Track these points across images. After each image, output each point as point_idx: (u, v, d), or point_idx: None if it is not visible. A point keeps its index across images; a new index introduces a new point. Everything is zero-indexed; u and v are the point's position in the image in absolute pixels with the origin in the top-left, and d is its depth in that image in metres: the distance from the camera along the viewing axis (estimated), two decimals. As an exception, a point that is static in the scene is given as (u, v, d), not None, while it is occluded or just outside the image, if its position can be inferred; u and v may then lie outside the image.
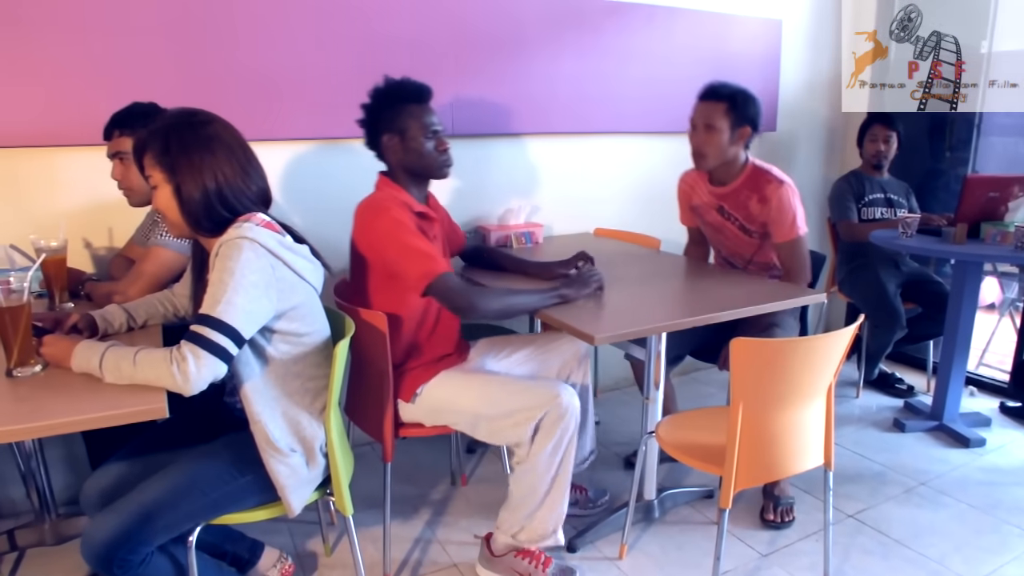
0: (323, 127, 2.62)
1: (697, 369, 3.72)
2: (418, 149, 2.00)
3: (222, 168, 1.53)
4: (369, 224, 1.94)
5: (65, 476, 2.49)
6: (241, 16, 2.42)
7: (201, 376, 1.39)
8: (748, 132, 2.42)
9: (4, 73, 2.16)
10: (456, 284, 1.90)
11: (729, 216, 2.53)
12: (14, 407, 1.36)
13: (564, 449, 1.91)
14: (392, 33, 2.66)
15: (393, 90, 2.02)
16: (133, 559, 1.50)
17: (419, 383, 2.01)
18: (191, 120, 1.54)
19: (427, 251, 1.90)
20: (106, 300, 1.89)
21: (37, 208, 2.30)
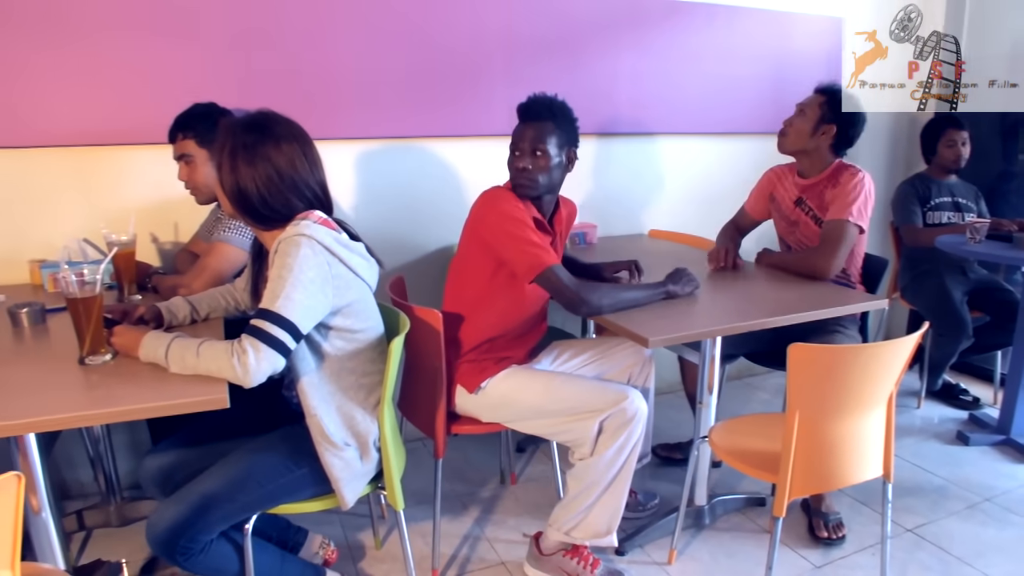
0: (380, 127, 2.66)
1: (752, 373, 3.67)
2: (509, 161, 2.03)
3: (284, 176, 1.57)
4: (484, 213, 1.98)
5: (130, 461, 2.58)
6: (298, 20, 2.47)
7: (260, 369, 1.43)
8: (832, 131, 2.41)
9: (77, 76, 2.26)
10: (567, 277, 1.92)
11: (806, 207, 2.49)
12: (86, 394, 1.42)
13: (628, 452, 1.91)
14: (445, 34, 2.68)
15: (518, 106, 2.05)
16: (194, 547, 1.56)
17: (486, 376, 2.02)
18: (270, 126, 1.59)
19: (538, 243, 1.92)
20: (171, 293, 1.95)
21: (108, 204, 2.39)
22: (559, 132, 1.99)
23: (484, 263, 2.00)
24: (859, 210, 2.34)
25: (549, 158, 1.97)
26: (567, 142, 2.02)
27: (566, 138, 2.01)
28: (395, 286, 2.17)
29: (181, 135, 2.08)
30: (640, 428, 1.91)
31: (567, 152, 2.03)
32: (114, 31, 2.26)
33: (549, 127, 1.98)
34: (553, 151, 1.97)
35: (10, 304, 1.87)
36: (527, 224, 1.93)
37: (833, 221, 2.35)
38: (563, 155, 2.02)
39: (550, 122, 1.98)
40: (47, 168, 2.32)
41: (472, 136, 2.83)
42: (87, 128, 2.30)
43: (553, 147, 1.97)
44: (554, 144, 1.97)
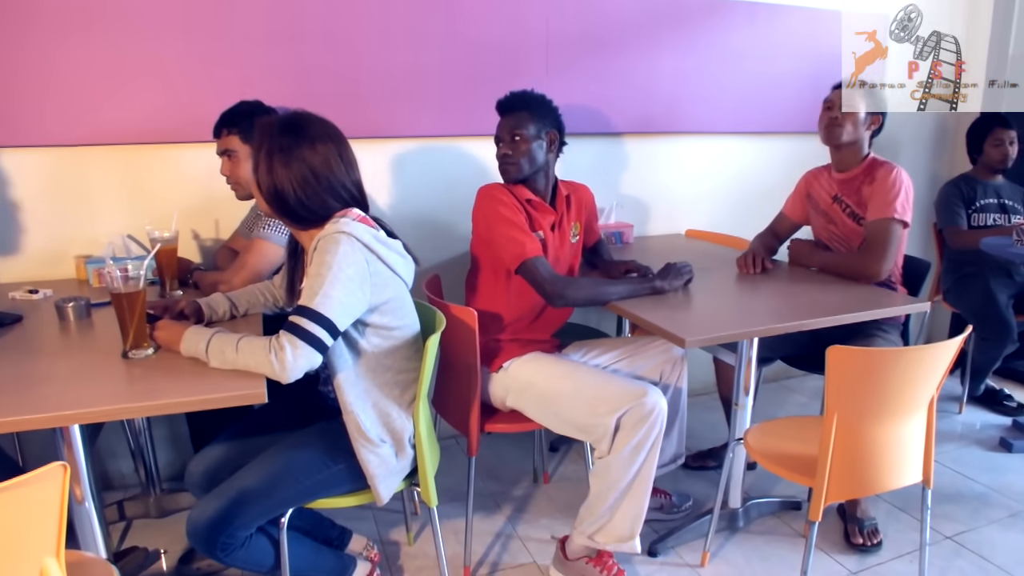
0: (417, 125, 2.68)
1: (788, 376, 3.62)
2: (496, 155, 2.16)
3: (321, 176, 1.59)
4: (477, 208, 2.14)
5: (169, 454, 2.63)
6: (339, 20, 2.50)
7: (297, 365, 1.45)
8: (880, 120, 2.41)
9: (123, 76, 2.31)
10: (543, 269, 2.02)
11: (843, 204, 2.44)
12: (128, 387, 1.45)
13: (647, 451, 1.89)
14: (484, 33, 2.69)
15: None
16: (233, 542, 1.59)
17: (510, 356, 2.06)
18: (308, 125, 1.61)
19: (518, 236, 2.03)
20: (212, 288, 1.99)
21: (152, 201, 2.44)
22: (535, 118, 2.11)
23: (489, 256, 2.13)
24: (902, 205, 2.29)
25: (528, 141, 2.09)
26: (546, 126, 2.13)
27: (543, 122, 2.13)
28: (431, 284, 2.19)
29: (226, 131, 2.12)
30: (660, 426, 1.89)
31: (548, 135, 2.14)
32: (159, 32, 2.31)
33: (524, 115, 2.10)
34: (531, 134, 2.10)
35: (57, 299, 1.93)
36: (513, 217, 2.05)
37: (878, 221, 2.30)
38: (543, 137, 2.12)
39: (524, 111, 2.11)
40: (93, 166, 2.38)
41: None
42: (132, 127, 2.35)
43: (531, 131, 2.09)
44: (531, 128, 2.10)
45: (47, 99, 2.26)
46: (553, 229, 2.17)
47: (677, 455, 2.29)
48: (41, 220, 2.37)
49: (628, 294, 2.07)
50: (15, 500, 1.04)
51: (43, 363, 1.58)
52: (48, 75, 2.24)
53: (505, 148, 2.11)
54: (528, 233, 2.05)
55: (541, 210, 2.14)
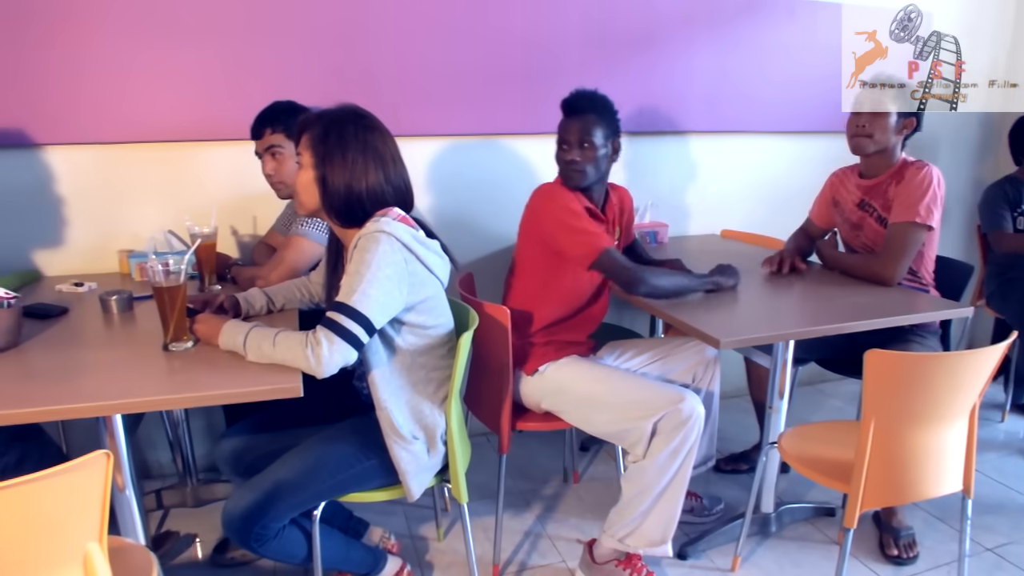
0: (453, 124, 2.69)
1: (823, 380, 3.57)
2: (556, 155, 2.10)
3: (369, 173, 1.60)
4: (539, 208, 2.08)
5: (206, 445, 2.68)
6: (374, 19, 2.51)
7: (333, 361, 1.47)
8: (912, 124, 2.32)
9: (165, 76, 2.36)
10: (622, 259, 2.00)
11: (870, 208, 2.39)
12: (168, 379, 1.48)
13: (683, 457, 1.88)
14: (520, 29, 2.69)
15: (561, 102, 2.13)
16: (267, 534, 1.62)
17: (546, 360, 2.05)
18: (356, 120, 1.62)
19: (592, 230, 2.01)
20: (249, 283, 2.02)
21: (192, 197, 2.48)
22: (603, 124, 2.05)
23: (540, 256, 2.08)
24: (927, 208, 2.22)
25: (596, 149, 2.03)
26: (611, 133, 2.08)
27: (609, 129, 2.07)
28: (464, 282, 2.20)
29: (270, 129, 2.13)
30: (696, 432, 1.87)
31: (612, 142, 2.08)
32: (197, 34, 2.36)
33: (593, 119, 2.04)
34: (599, 142, 2.03)
35: (101, 292, 1.97)
36: (581, 214, 2.01)
37: (898, 224, 2.24)
38: (608, 145, 2.07)
39: (593, 115, 2.04)
40: (136, 163, 2.43)
41: (545, 133, 2.80)
42: (174, 125, 2.40)
43: (599, 138, 2.03)
44: (599, 135, 2.03)
45: (93, 98, 2.31)
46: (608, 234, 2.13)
47: (708, 457, 2.27)
48: (86, 215, 2.43)
49: (697, 287, 2.08)
50: (62, 486, 1.07)
51: (87, 354, 1.62)
52: (94, 76, 2.30)
53: (573, 154, 2.05)
54: (596, 228, 2.03)
55: (595, 219, 2.10)
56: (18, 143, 2.31)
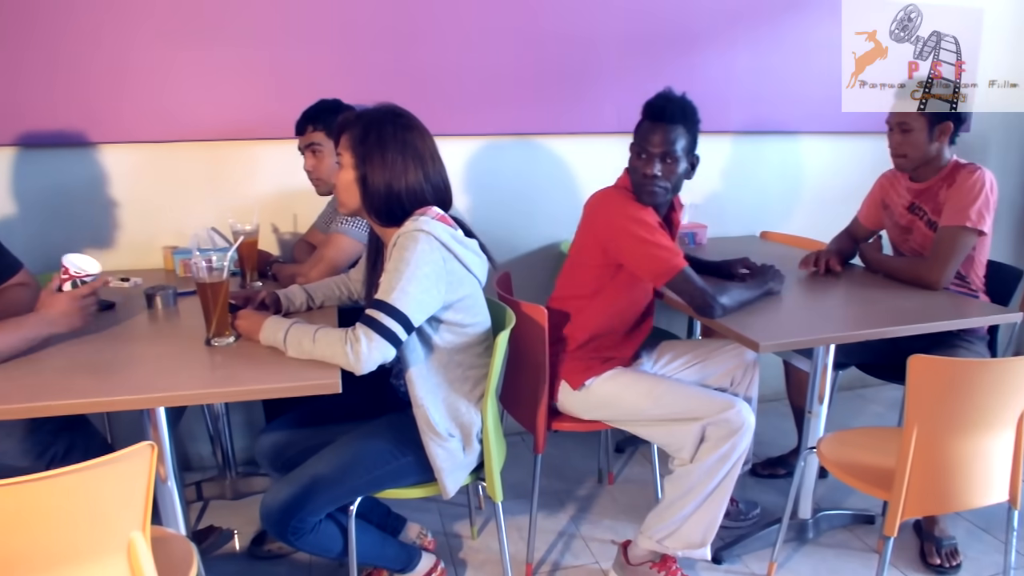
0: (489, 123, 2.70)
1: (864, 385, 3.50)
2: (631, 162, 1.97)
3: (409, 172, 1.61)
4: (608, 216, 1.94)
5: (245, 439, 2.72)
6: (413, 20, 2.53)
7: (372, 358, 1.48)
8: (949, 128, 2.24)
9: (210, 75, 2.41)
10: (698, 280, 1.88)
11: (920, 212, 2.33)
12: (211, 373, 1.51)
13: (731, 464, 1.86)
14: (558, 29, 2.68)
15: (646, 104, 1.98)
16: (304, 527, 1.64)
17: (590, 375, 2.01)
18: (395, 120, 1.63)
19: (669, 246, 1.89)
20: (289, 280, 2.05)
21: (234, 195, 2.53)
22: (688, 136, 1.91)
23: (601, 265, 1.98)
24: (978, 213, 2.16)
25: (678, 164, 1.91)
26: (693, 146, 1.95)
27: (692, 142, 1.94)
28: (502, 281, 2.20)
29: (311, 127, 2.17)
30: (747, 440, 1.86)
31: (691, 157, 1.96)
32: (242, 36, 2.40)
33: (680, 131, 1.89)
34: (682, 156, 1.91)
35: (146, 287, 2.02)
36: (655, 228, 1.89)
37: (948, 228, 2.18)
38: (688, 160, 1.95)
39: (681, 125, 1.90)
40: (181, 161, 2.49)
41: (582, 133, 2.82)
42: (218, 124, 2.45)
43: (682, 152, 1.90)
44: (683, 149, 1.90)
45: (140, 98, 2.38)
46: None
47: (744, 461, 2.24)
48: (133, 213, 2.49)
49: (753, 297, 1.99)
50: (108, 476, 1.10)
51: (133, 348, 1.66)
52: (142, 76, 2.36)
53: (653, 167, 1.88)
54: (671, 246, 1.91)
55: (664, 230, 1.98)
56: (69, 142, 2.38)
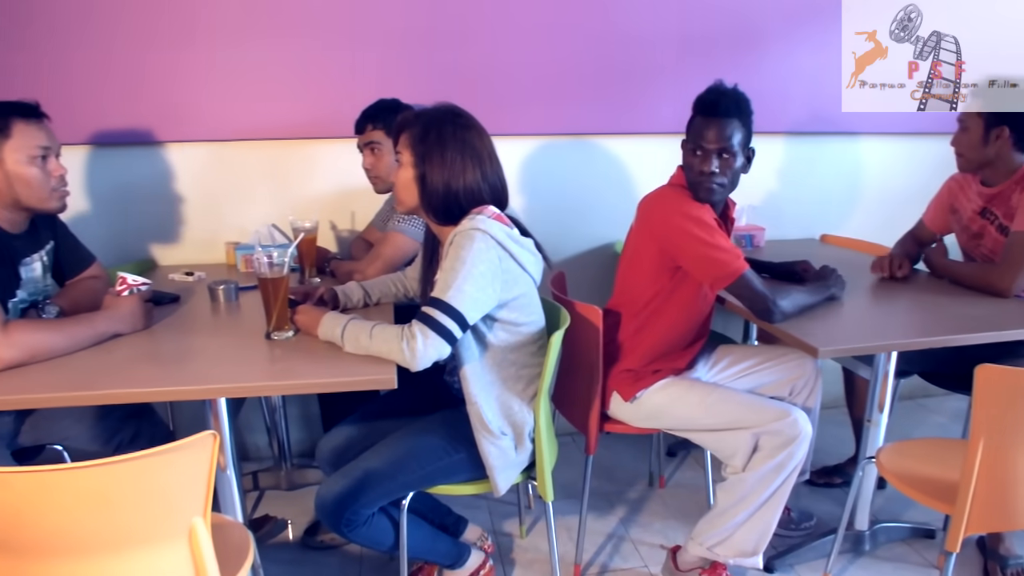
0: (546, 123, 2.71)
1: (926, 394, 3.40)
2: (686, 160, 1.92)
3: (467, 172, 1.63)
4: (664, 216, 1.89)
5: (300, 431, 2.78)
6: (469, 21, 2.55)
7: (427, 354, 1.50)
8: (1005, 132, 2.15)
9: (274, 75, 2.47)
10: (759, 283, 1.83)
11: (991, 216, 2.25)
12: (270, 366, 1.55)
13: (787, 474, 1.82)
14: (616, 30, 2.67)
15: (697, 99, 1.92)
16: (357, 519, 1.67)
17: (641, 387, 1.98)
18: (454, 120, 1.65)
19: (729, 248, 1.84)
20: (347, 277, 2.09)
21: (295, 192, 2.59)
22: (743, 129, 1.85)
23: (657, 268, 1.93)
24: None
25: (735, 159, 1.85)
26: (748, 139, 1.89)
27: (748, 135, 1.88)
28: (556, 281, 2.20)
29: (371, 125, 2.21)
30: (803, 450, 1.81)
31: (747, 151, 1.90)
32: (302, 36, 2.46)
33: (735, 125, 1.83)
34: (738, 151, 1.85)
35: (209, 281, 2.08)
36: (715, 228, 1.84)
37: (1020, 233, 2.09)
38: (745, 154, 1.89)
39: (736, 119, 1.84)
40: (245, 159, 2.56)
41: (640, 133, 2.81)
42: (279, 123, 2.51)
43: (738, 146, 1.85)
44: (739, 143, 1.85)
45: (207, 98, 2.45)
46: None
47: (801, 471, 2.19)
48: (198, 209, 2.57)
49: (815, 302, 1.92)
50: (172, 463, 1.14)
51: (196, 340, 1.72)
52: (208, 76, 2.44)
53: (710, 163, 1.83)
54: (732, 248, 1.85)
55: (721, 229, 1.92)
56: (138, 141, 2.47)
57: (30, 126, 1.67)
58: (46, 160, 1.69)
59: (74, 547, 1.15)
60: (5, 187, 1.65)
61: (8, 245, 1.70)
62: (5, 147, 1.64)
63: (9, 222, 1.70)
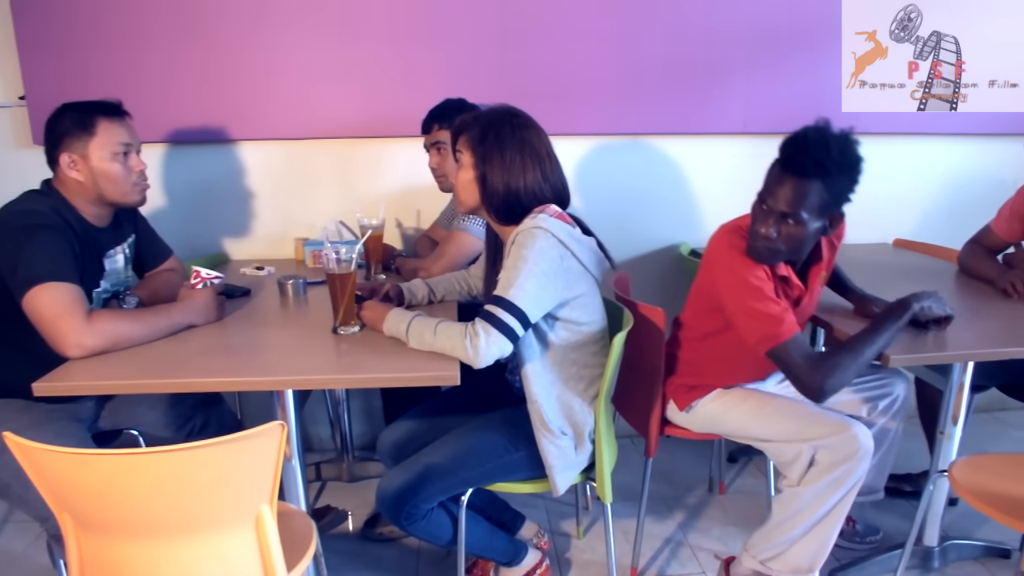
0: (610, 123, 2.69)
1: (1004, 408, 3.26)
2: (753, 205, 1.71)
3: (527, 171, 1.64)
4: (718, 268, 1.76)
5: (363, 424, 2.84)
6: (538, 16, 2.56)
7: (490, 352, 1.51)
8: None
9: (344, 75, 2.53)
10: (797, 354, 1.62)
11: None
12: (336, 360, 1.58)
13: (845, 491, 1.74)
14: (682, 29, 2.64)
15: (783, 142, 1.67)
16: (417, 513, 1.70)
17: (695, 397, 1.95)
18: (512, 120, 1.66)
19: (774, 313, 1.64)
20: (412, 274, 2.12)
21: (362, 190, 2.65)
22: (827, 193, 1.58)
23: (713, 312, 1.83)
24: None
25: (804, 227, 1.60)
26: (834, 203, 1.62)
27: (834, 198, 1.61)
28: (619, 282, 2.19)
29: (437, 125, 2.24)
30: (863, 466, 1.72)
31: (831, 216, 1.64)
32: (370, 37, 2.50)
33: (815, 188, 1.56)
34: (811, 217, 1.60)
35: (279, 276, 2.14)
36: (763, 292, 1.66)
37: None
38: (825, 220, 1.63)
39: (819, 180, 1.56)
40: (315, 157, 2.62)
41: (704, 134, 2.77)
42: (348, 122, 2.56)
43: (812, 212, 1.59)
44: (815, 208, 1.59)
45: (279, 97, 2.52)
46: (797, 303, 1.78)
47: (874, 489, 2.09)
48: (269, 205, 2.64)
49: (886, 344, 1.64)
50: (242, 451, 1.18)
51: (265, 333, 1.76)
52: (280, 76, 2.51)
53: (769, 226, 1.61)
54: (783, 307, 1.67)
55: (790, 285, 1.75)
56: (212, 139, 2.55)
57: (113, 124, 1.74)
58: (127, 156, 1.77)
59: (149, 528, 1.20)
60: (90, 183, 1.73)
61: (94, 238, 1.78)
62: (90, 145, 1.71)
63: (95, 216, 1.78)
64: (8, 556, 2.24)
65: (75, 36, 2.42)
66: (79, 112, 1.72)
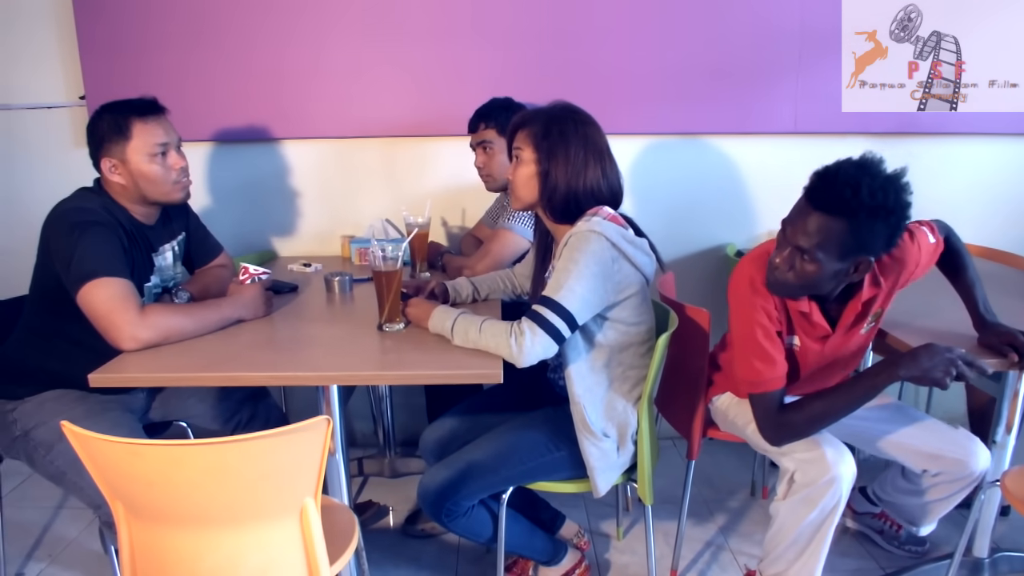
0: (659, 122, 2.67)
1: (1060, 418, 3.16)
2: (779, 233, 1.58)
3: (589, 168, 1.64)
4: (732, 298, 1.69)
5: (405, 420, 2.85)
6: (583, 19, 2.55)
7: (534, 351, 1.52)
8: None
9: (390, 75, 2.56)
10: (766, 410, 1.65)
11: None
12: (381, 356, 1.60)
13: (819, 513, 1.66)
14: (734, 28, 2.60)
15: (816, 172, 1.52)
16: (458, 510, 1.71)
17: (714, 393, 1.97)
18: (574, 117, 1.66)
19: (757, 364, 1.62)
20: (457, 272, 2.13)
21: (409, 189, 2.67)
22: (851, 236, 1.42)
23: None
24: None
25: (819, 267, 1.47)
26: (859, 248, 1.45)
27: (859, 243, 1.44)
28: (665, 283, 2.17)
29: (483, 124, 2.24)
30: (832, 491, 1.63)
31: (856, 262, 1.49)
32: (416, 37, 2.52)
33: (840, 227, 1.41)
34: (828, 258, 1.46)
35: (325, 273, 2.17)
36: (761, 343, 1.61)
37: None
38: (849, 264, 1.49)
39: (845, 221, 1.41)
40: (362, 156, 2.65)
41: (753, 134, 2.72)
42: (392, 122, 2.59)
43: (831, 253, 1.45)
44: (834, 249, 1.44)
45: (327, 96, 2.56)
46: (824, 339, 1.70)
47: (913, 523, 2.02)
48: (316, 203, 2.69)
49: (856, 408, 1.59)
50: (288, 444, 1.20)
51: (311, 328, 1.79)
52: (328, 75, 2.55)
53: (783, 259, 1.50)
54: (773, 362, 1.62)
55: (813, 323, 1.64)
56: (260, 138, 2.60)
57: (148, 124, 1.74)
58: (166, 155, 1.76)
59: (197, 517, 1.23)
60: (132, 185, 1.75)
61: (144, 236, 1.81)
62: (128, 148, 1.72)
63: (143, 215, 1.82)
64: (63, 541, 2.32)
65: (130, 38, 2.49)
66: (114, 114, 1.73)
